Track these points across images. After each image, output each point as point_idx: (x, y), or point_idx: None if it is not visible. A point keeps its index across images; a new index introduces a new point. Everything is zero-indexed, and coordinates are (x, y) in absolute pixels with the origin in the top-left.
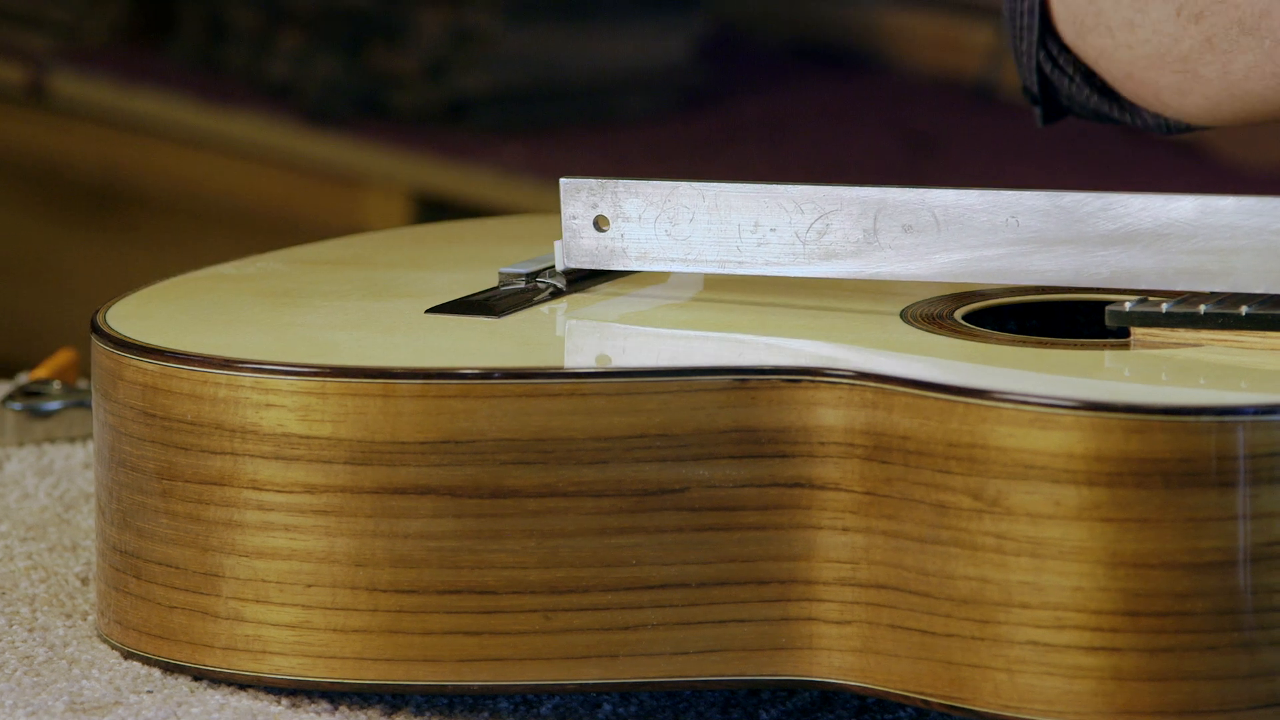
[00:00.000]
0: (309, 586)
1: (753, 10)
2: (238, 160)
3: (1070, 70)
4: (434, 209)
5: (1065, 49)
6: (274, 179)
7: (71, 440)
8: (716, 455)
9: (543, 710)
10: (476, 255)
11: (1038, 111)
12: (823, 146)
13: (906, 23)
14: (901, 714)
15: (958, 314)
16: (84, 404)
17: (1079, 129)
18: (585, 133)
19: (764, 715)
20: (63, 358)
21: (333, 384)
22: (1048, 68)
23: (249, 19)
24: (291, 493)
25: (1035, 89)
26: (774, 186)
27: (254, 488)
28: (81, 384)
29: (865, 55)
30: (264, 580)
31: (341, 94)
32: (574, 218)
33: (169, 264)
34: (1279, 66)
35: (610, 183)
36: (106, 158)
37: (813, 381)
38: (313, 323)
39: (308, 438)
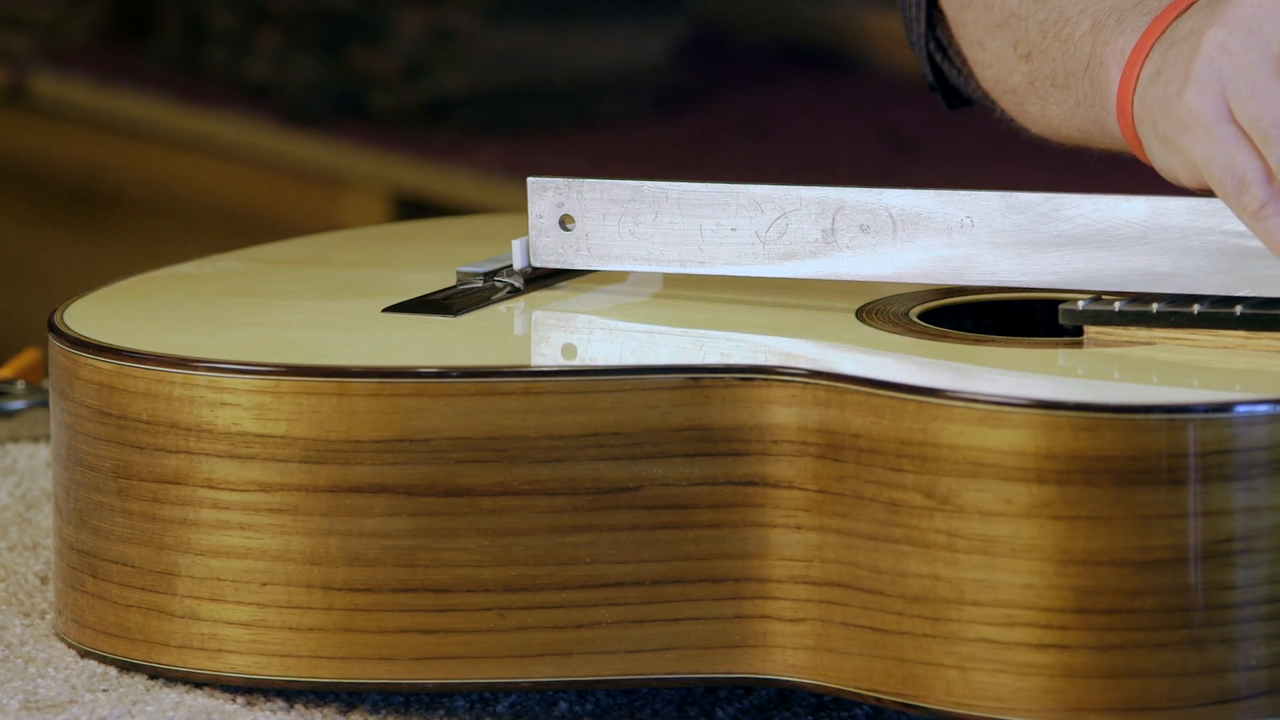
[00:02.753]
0: (264, 585)
1: (735, 11)
2: (217, 160)
3: (958, 62)
4: (413, 209)
5: (954, 40)
6: (253, 179)
7: (35, 440)
8: (670, 454)
9: (499, 708)
10: (438, 255)
11: (939, 98)
12: (803, 146)
13: (888, 23)
14: (858, 711)
15: (913, 312)
16: (47, 404)
17: None
18: (565, 133)
19: (720, 713)
20: (28, 357)
21: (287, 383)
22: (938, 57)
23: (228, 20)
24: (246, 491)
25: (930, 77)
26: (735, 186)
27: (209, 486)
28: (46, 384)
29: (846, 56)
30: (219, 579)
31: (320, 94)
32: (540, 216)
33: (148, 264)
34: (1083, 122)
35: (575, 182)
36: (86, 158)
37: (766, 380)
38: (269, 322)
39: (262, 436)
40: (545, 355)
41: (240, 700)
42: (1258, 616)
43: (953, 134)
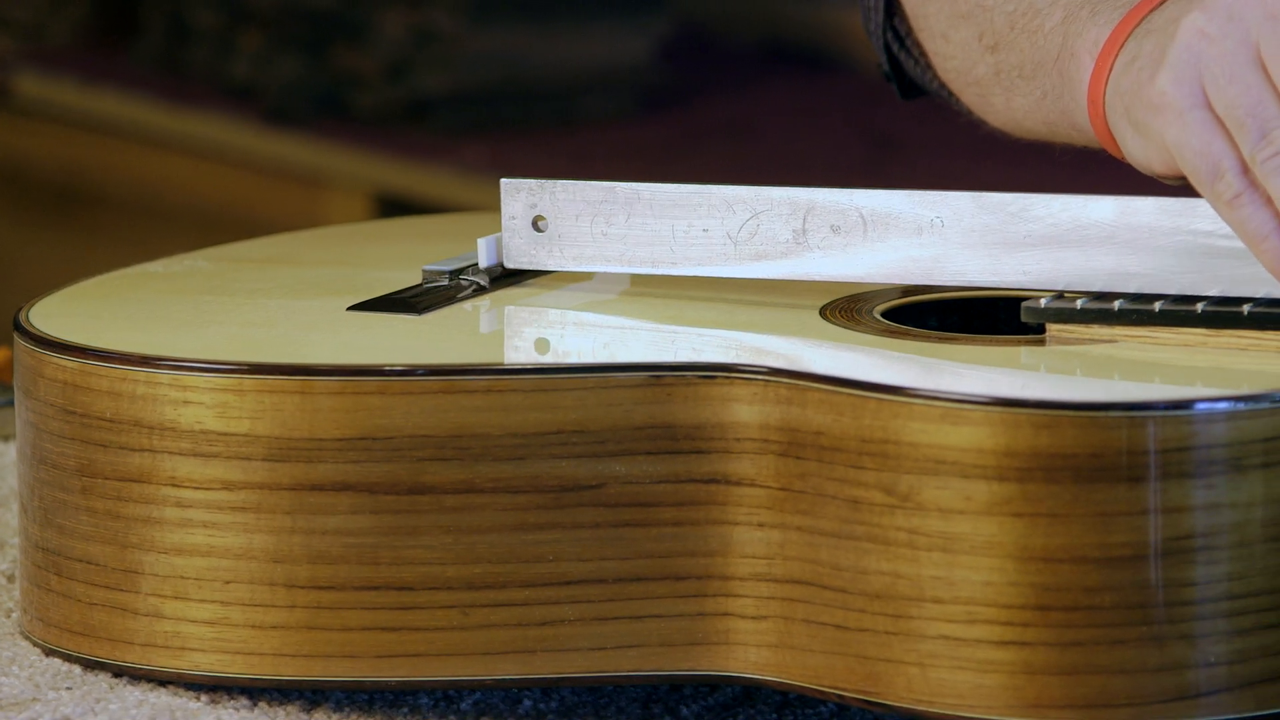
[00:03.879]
0: (227, 583)
1: (720, 11)
2: (199, 160)
3: (916, 53)
4: (395, 209)
5: (912, 31)
6: (235, 179)
7: (6, 439)
8: (633, 451)
9: (463, 706)
10: (406, 253)
11: (895, 88)
12: (788, 146)
13: None
14: (823, 709)
15: (877, 310)
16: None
17: None
18: (547, 133)
19: (685, 710)
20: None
21: (250, 381)
22: (895, 47)
23: (211, 20)
24: (210, 489)
25: (886, 66)
26: (706, 187)
27: (173, 485)
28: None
29: (831, 56)
30: (183, 577)
31: (303, 94)
32: (513, 218)
33: (130, 263)
34: (1049, 114)
35: (549, 183)
36: (69, 157)
37: (728, 378)
38: (234, 320)
39: (225, 434)
40: (509, 354)
41: (204, 698)
42: (1217, 613)
43: (936, 134)
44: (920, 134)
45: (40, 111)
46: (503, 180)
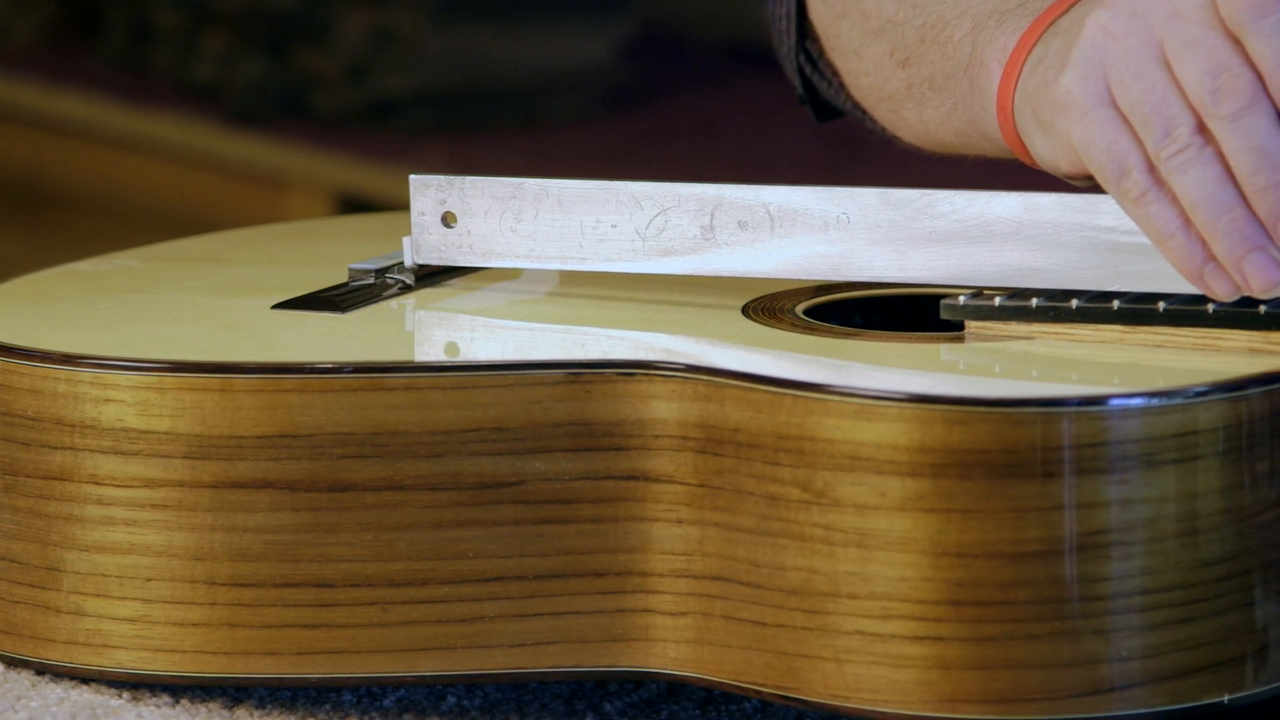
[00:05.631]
0: (148, 580)
1: (684, 11)
2: (162, 161)
3: (829, 74)
4: (357, 209)
5: (824, 52)
6: (198, 179)
7: None
8: (552, 449)
9: (386, 703)
10: (336, 252)
11: (810, 110)
12: (752, 147)
13: None
14: (746, 705)
15: (800, 308)
16: None
17: None
18: (510, 134)
19: (609, 707)
20: None
21: (170, 379)
22: (808, 70)
23: (174, 21)
24: (131, 487)
25: (800, 90)
26: (614, 183)
27: (94, 482)
28: None
29: None
30: (104, 574)
31: (265, 95)
32: (422, 214)
33: None
34: (961, 126)
35: (457, 179)
36: (32, 158)
37: (646, 375)
38: (158, 319)
39: (146, 432)
40: (429, 351)
41: (126, 696)
42: (1131, 608)
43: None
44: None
45: (2, 112)
46: (411, 176)
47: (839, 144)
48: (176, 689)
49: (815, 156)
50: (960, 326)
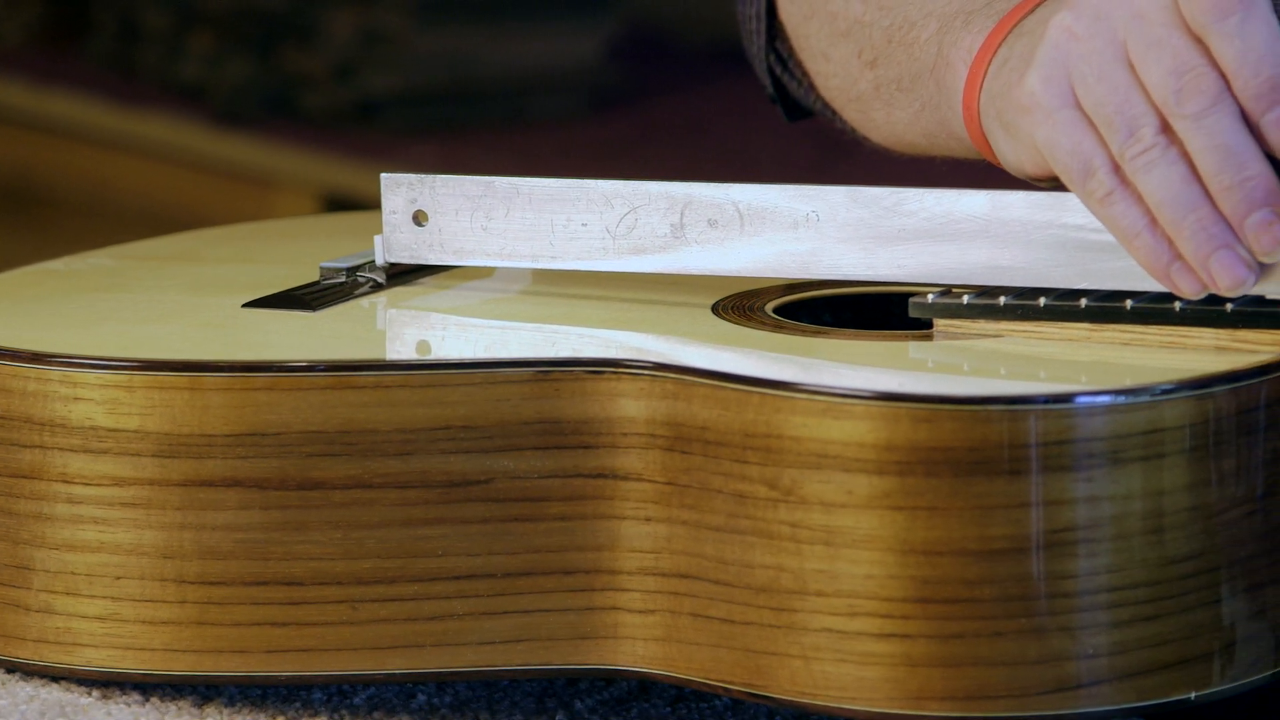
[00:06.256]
0: (118, 579)
1: (669, 11)
2: (150, 160)
3: (798, 74)
4: (344, 209)
5: (794, 52)
6: (185, 179)
7: None
8: (521, 446)
9: (356, 701)
10: (310, 251)
11: (780, 110)
12: (737, 146)
13: None
14: (717, 703)
15: (769, 306)
16: None
17: None
18: (497, 133)
19: (579, 705)
20: None
21: (139, 377)
22: (778, 70)
23: (161, 21)
24: (100, 485)
25: (771, 90)
26: (584, 182)
27: (63, 481)
28: None
29: None
30: (74, 573)
31: (252, 95)
32: (394, 213)
33: None
34: (928, 126)
35: (429, 178)
36: (20, 158)
37: (615, 373)
38: (129, 317)
39: (115, 431)
40: (398, 350)
41: (95, 693)
42: (1097, 605)
43: None
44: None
45: None
46: (383, 175)
47: (826, 143)
48: (146, 687)
49: (802, 156)
50: (929, 325)
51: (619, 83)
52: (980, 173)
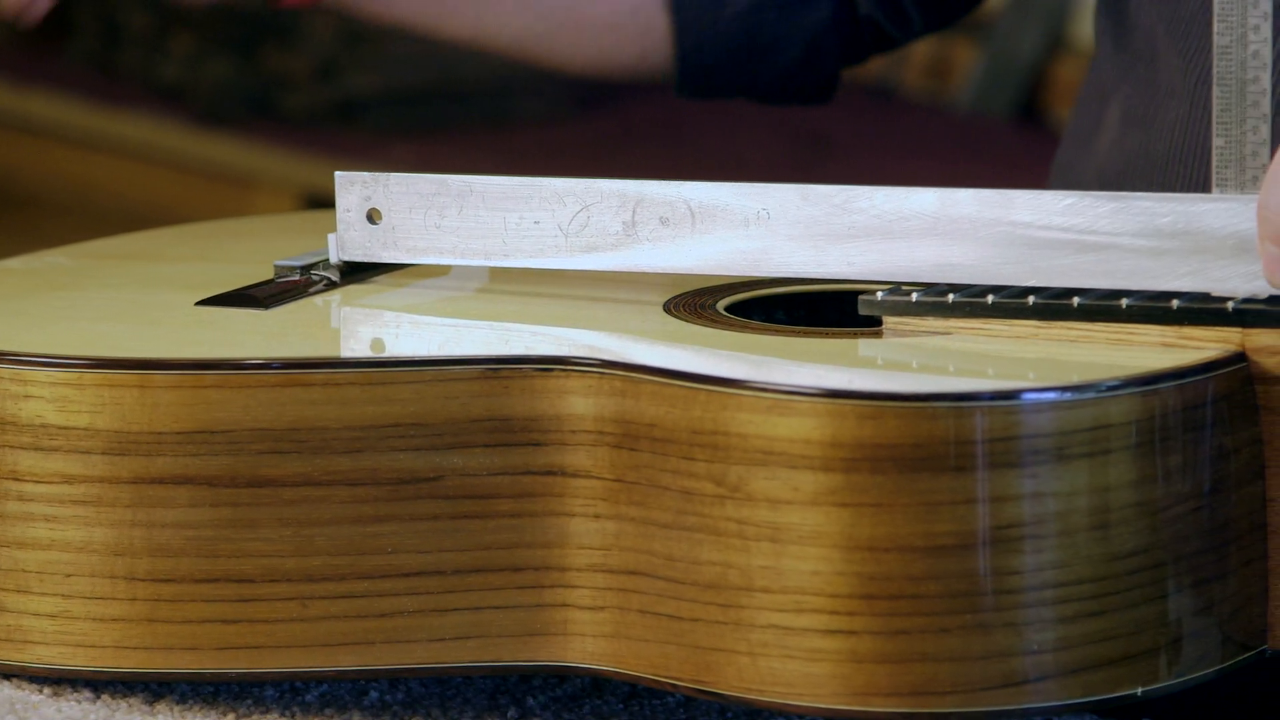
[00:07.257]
0: (68, 576)
1: None
2: (131, 160)
3: None
4: (324, 209)
5: None
6: (166, 179)
7: None
8: (471, 444)
9: (308, 698)
10: (267, 249)
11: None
12: (720, 147)
13: None
14: (669, 700)
15: (720, 304)
16: None
17: (973, 125)
18: (478, 134)
19: (532, 701)
20: None
21: (89, 375)
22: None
23: (143, 21)
24: (50, 483)
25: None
26: (537, 180)
27: (14, 478)
28: None
29: None
30: (25, 570)
31: (233, 95)
32: (348, 210)
33: None
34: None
35: (382, 176)
36: (1, 159)
37: (563, 370)
38: (81, 315)
39: (65, 428)
40: (350, 347)
41: (46, 691)
42: (1042, 601)
43: (867, 132)
44: (852, 133)
45: None
46: (337, 173)
47: (807, 144)
48: (97, 684)
49: (784, 155)
50: (879, 322)
51: (601, 84)
52: (931, 174)
